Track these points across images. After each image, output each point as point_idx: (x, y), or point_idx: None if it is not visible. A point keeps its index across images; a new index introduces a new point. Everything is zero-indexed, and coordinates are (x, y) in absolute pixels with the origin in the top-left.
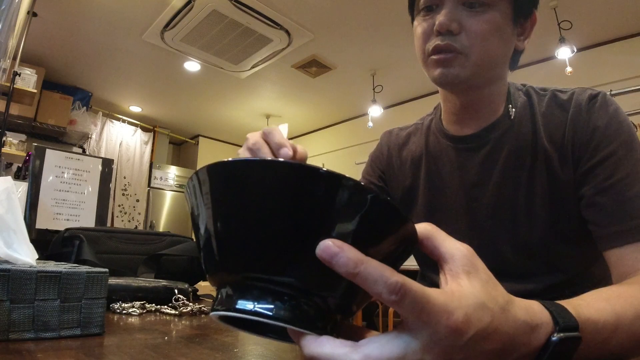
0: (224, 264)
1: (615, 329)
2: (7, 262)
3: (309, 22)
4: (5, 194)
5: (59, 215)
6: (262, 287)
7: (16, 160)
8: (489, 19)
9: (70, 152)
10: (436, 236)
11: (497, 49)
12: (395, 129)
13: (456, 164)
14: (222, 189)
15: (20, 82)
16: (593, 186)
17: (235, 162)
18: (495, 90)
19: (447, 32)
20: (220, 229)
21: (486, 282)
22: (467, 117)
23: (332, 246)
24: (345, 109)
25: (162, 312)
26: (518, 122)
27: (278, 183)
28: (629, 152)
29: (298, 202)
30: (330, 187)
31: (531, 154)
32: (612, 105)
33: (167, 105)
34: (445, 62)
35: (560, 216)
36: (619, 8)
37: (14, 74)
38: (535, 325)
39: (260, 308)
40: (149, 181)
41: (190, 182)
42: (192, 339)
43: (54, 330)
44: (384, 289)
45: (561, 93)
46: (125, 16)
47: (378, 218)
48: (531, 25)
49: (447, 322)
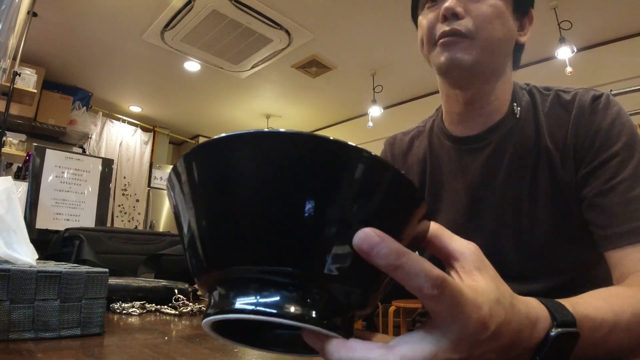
0: (216, 258)
1: (613, 326)
2: (7, 262)
3: (309, 22)
4: (5, 194)
5: (59, 215)
6: (264, 279)
7: (16, 160)
8: (493, 3)
9: (70, 152)
10: (443, 234)
11: (500, 34)
12: (399, 135)
13: (459, 165)
14: (214, 168)
15: (20, 82)
16: (595, 188)
17: (221, 139)
18: (499, 86)
19: (453, 17)
20: (213, 216)
21: (495, 278)
22: (471, 116)
23: (373, 235)
24: (345, 109)
25: (162, 312)
26: (522, 122)
27: (280, 156)
28: (632, 153)
29: (308, 177)
30: (343, 160)
31: (534, 155)
32: (615, 106)
33: (167, 105)
34: (452, 45)
35: (563, 217)
36: (619, 8)
37: (14, 74)
38: (535, 319)
39: (264, 305)
40: (149, 181)
41: (171, 175)
42: (192, 339)
43: (54, 330)
44: (426, 282)
45: (564, 93)
46: (125, 16)
47: (404, 202)
48: (529, 23)
49: (477, 315)
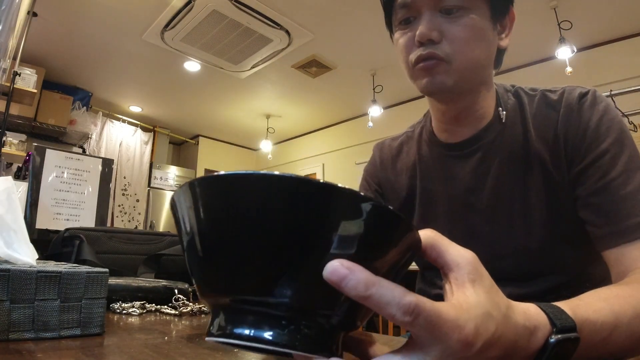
0: (215, 286)
1: (614, 328)
2: (7, 262)
3: (309, 22)
4: (5, 194)
5: (59, 215)
6: (259, 310)
7: (16, 160)
8: (468, 23)
9: (70, 152)
10: (440, 243)
11: (480, 52)
12: (387, 140)
13: (449, 171)
14: (205, 206)
15: (20, 82)
16: (587, 187)
17: (219, 177)
18: (482, 95)
19: (429, 42)
20: (208, 249)
21: (490, 289)
22: (458, 125)
23: (340, 268)
24: (345, 109)
25: (162, 312)
26: (509, 125)
27: (268, 197)
28: (621, 149)
29: (292, 217)
30: (326, 199)
31: (524, 157)
32: (602, 102)
33: (167, 105)
34: (430, 70)
35: (558, 218)
36: (619, 8)
37: (14, 74)
38: (533, 328)
39: (258, 334)
40: (149, 181)
41: (175, 197)
42: (192, 339)
43: (54, 330)
44: (397, 311)
45: (551, 93)
46: (125, 16)
47: (381, 228)
48: (510, 21)
49: (459, 336)
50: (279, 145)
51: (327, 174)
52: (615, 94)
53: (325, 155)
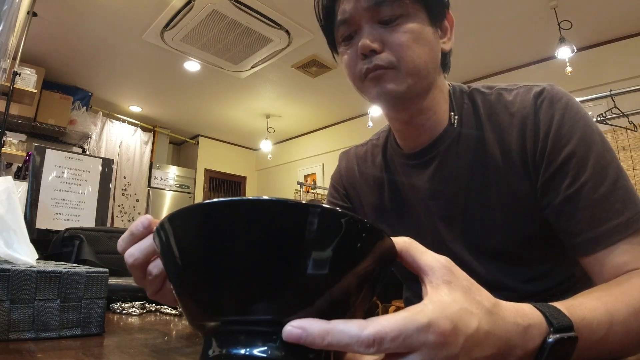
0: (203, 312)
1: (609, 326)
2: (7, 262)
3: (309, 22)
4: (5, 194)
5: (59, 215)
6: (248, 330)
7: (16, 160)
8: (408, 29)
9: (70, 152)
10: (414, 249)
11: (423, 56)
12: (352, 148)
13: (411, 180)
14: (184, 236)
15: (20, 82)
16: (558, 194)
17: (190, 209)
18: (434, 99)
19: (371, 53)
20: (192, 276)
21: (468, 288)
22: (414, 133)
23: (293, 330)
24: (345, 109)
25: (162, 312)
26: (465, 130)
27: (244, 221)
28: (588, 148)
29: (269, 238)
30: (299, 218)
31: (481, 164)
32: (561, 99)
33: (167, 105)
34: (379, 79)
35: (521, 223)
36: (619, 8)
37: (14, 74)
38: (526, 325)
39: (252, 352)
40: (149, 181)
41: (158, 231)
42: (192, 339)
43: (54, 330)
44: (359, 347)
45: (506, 92)
46: (125, 16)
47: (355, 240)
48: (450, 26)
49: (434, 334)
50: (278, 145)
51: (327, 174)
52: (615, 94)
53: (325, 155)
